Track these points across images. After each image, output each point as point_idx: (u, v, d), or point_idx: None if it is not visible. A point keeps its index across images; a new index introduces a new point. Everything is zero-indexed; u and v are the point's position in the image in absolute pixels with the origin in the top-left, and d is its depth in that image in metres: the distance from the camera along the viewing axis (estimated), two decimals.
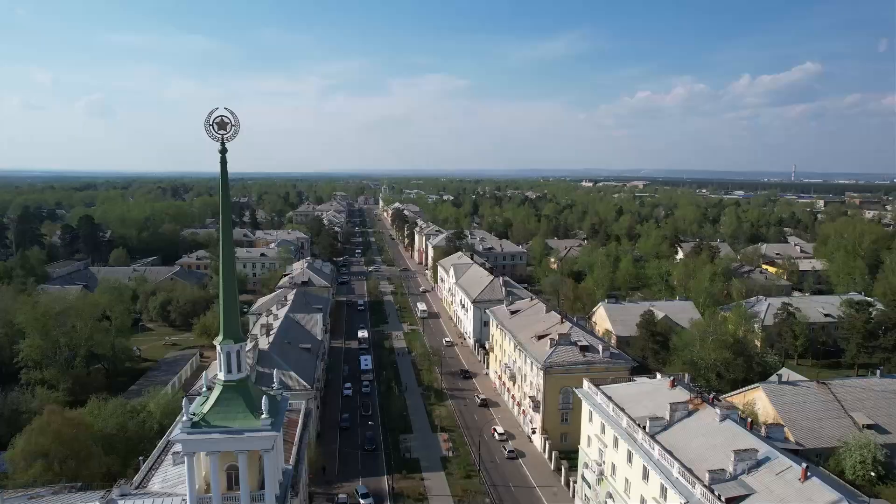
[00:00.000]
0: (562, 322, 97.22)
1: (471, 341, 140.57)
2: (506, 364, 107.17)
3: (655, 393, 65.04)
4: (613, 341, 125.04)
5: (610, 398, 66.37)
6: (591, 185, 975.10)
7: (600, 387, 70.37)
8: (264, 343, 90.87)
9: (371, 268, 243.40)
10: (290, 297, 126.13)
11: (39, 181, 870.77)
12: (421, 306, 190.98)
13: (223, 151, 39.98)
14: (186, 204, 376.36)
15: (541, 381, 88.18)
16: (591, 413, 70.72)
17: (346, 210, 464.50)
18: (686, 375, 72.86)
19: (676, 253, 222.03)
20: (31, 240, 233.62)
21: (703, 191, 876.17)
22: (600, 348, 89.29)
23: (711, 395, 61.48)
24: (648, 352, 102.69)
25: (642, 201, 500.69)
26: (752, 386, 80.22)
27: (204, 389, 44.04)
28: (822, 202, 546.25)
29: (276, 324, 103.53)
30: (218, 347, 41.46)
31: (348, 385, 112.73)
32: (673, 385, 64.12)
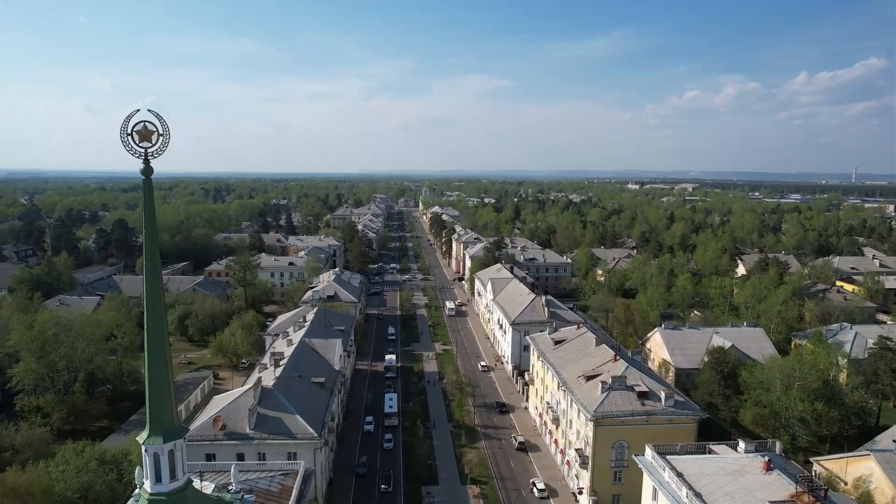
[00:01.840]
0: (615, 360, 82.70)
1: (508, 367, 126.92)
2: (548, 403, 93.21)
3: (743, 475, 50.38)
4: (671, 374, 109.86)
5: (681, 476, 52.07)
6: (637, 187, 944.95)
7: (667, 457, 56.04)
8: (270, 377, 79.60)
9: (405, 276, 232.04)
10: (310, 316, 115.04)
11: (95, 182, 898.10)
12: (449, 304, 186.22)
13: (147, 173, 27.97)
14: (222, 207, 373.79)
15: (589, 433, 74.08)
16: (654, 490, 56.46)
17: (384, 213, 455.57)
18: (777, 444, 57.70)
19: (737, 266, 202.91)
20: (67, 244, 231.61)
21: (756, 194, 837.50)
22: (662, 395, 74.52)
23: (824, 490, 46.40)
24: (718, 396, 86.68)
25: (694, 206, 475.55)
26: (860, 453, 64.26)
27: (137, 490, 32.33)
28: (892, 207, 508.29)
29: (289, 351, 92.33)
30: (142, 448, 29.62)
31: (370, 419, 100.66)
32: (768, 468, 49.32)
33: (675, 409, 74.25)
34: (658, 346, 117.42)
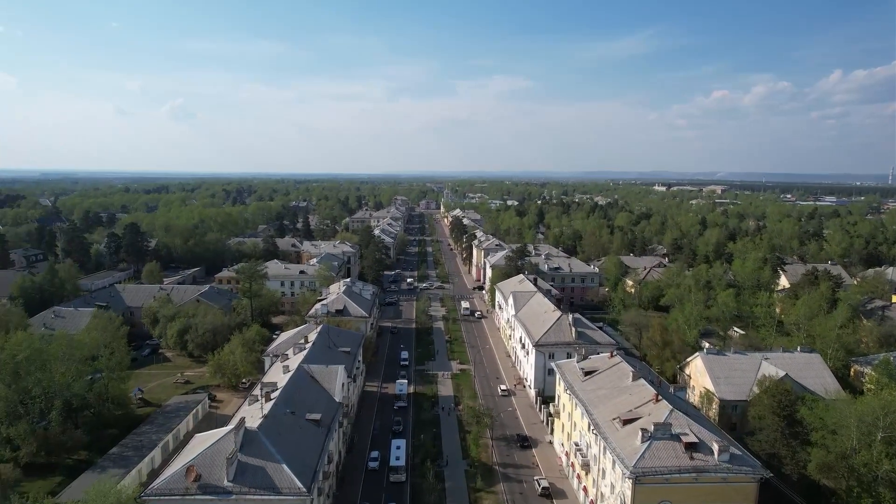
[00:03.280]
0: (656, 400, 70.76)
1: (531, 392, 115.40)
2: (576, 443, 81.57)
3: None
4: (715, 406, 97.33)
5: None
6: (664, 189, 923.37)
7: None
8: (256, 416, 69.35)
9: (423, 285, 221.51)
10: (313, 336, 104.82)
11: (122, 182, 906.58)
12: (464, 304, 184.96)
13: None
14: (239, 209, 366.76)
15: (627, 491, 62.37)
16: None
17: (404, 216, 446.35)
18: None
19: (779, 278, 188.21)
20: (78, 248, 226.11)
21: (788, 196, 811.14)
22: (715, 448, 62.46)
23: None
24: (782, 446, 73.63)
25: (726, 210, 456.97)
26: None
27: None
28: None
29: (284, 380, 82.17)
30: None
31: (375, 455, 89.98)
32: None
33: (731, 464, 62.13)
34: (699, 373, 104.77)
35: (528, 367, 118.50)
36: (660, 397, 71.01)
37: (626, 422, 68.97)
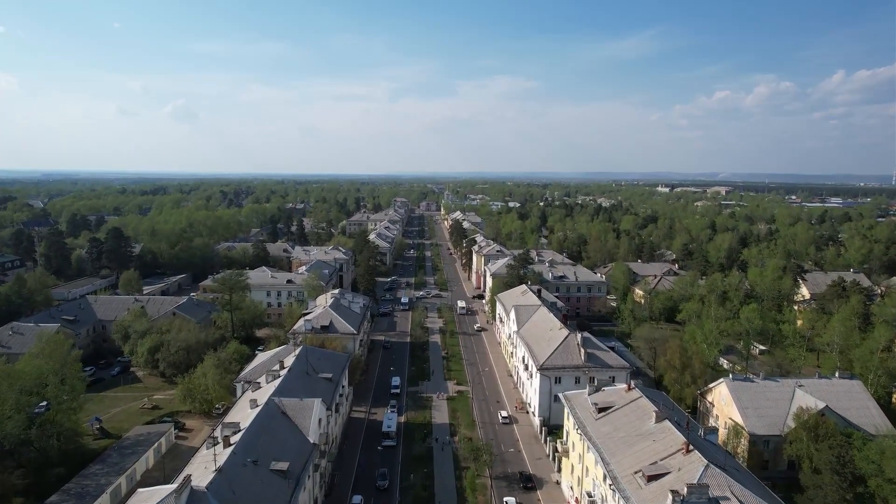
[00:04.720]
0: (686, 450, 59.19)
1: (535, 420, 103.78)
2: (589, 494, 70.01)
3: None
4: (744, 442, 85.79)
5: None
6: (667, 190, 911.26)
7: None
8: (209, 469, 57.82)
9: (420, 293, 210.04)
10: (290, 360, 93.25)
11: (122, 183, 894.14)
12: (460, 304, 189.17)
13: None
14: (232, 212, 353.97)
15: None
16: None
17: (403, 218, 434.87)
18: None
19: (798, 288, 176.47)
20: (58, 254, 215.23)
21: (793, 197, 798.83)
22: None
23: None
24: None
25: (733, 212, 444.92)
26: None
27: None
28: None
29: (250, 418, 70.65)
30: None
31: (357, 501, 78.36)
32: None
33: None
34: (725, 402, 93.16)
35: (531, 391, 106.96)
36: (691, 447, 59.44)
37: (652, 478, 57.48)
